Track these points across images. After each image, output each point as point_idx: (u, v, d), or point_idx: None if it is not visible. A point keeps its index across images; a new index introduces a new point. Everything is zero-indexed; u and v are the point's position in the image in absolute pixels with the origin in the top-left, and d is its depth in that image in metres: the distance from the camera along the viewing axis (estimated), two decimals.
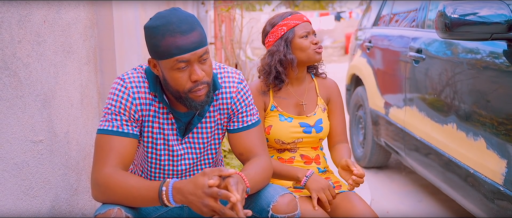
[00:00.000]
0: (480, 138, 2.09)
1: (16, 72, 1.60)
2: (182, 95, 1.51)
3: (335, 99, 2.14)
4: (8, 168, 1.56)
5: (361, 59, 4.00)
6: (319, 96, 2.11)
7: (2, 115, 1.53)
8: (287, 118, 2.02)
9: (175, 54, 1.43)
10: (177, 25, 1.43)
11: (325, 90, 2.13)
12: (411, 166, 3.00)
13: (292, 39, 1.99)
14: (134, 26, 2.94)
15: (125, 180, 1.44)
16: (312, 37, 1.99)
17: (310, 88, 2.12)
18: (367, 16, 4.35)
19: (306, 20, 2.00)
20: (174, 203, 1.38)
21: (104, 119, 1.53)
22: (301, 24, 1.99)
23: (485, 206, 2.07)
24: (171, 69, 1.46)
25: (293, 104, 2.06)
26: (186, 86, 1.48)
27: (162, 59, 1.46)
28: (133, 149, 1.54)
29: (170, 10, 1.49)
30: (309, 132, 2.02)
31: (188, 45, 1.43)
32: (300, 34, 1.98)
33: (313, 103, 2.10)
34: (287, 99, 2.06)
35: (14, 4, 1.59)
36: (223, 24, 6.40)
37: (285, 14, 2.03)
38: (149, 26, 1.46)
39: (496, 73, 2.02)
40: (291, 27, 1.99)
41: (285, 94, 2.06)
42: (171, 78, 1.48)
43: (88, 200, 2.21)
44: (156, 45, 1.44)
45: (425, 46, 2.72)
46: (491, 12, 1.92)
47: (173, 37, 1.42)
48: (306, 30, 1.99)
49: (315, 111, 2.07)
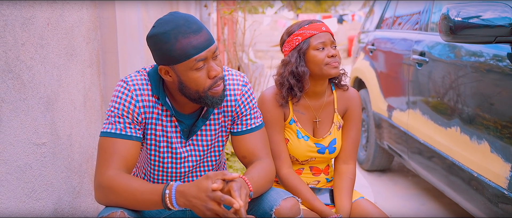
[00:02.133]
0: (484, 141, 2.08)
1: (20, 75, 1.61)
2: (202, 94, 1.51)
3: (352, 112, 2.01)
4: (11, 171, 1.56)
5: (364, 62, 4.00)
6: (336, 112, 2.01)
7: (6, 118, 1.53)
8: (304, 136, 1.96)
9: (192, 54, 1.44)
10: (187, 27, 1.43)
11: (344, 103, 2.02)
12: (414, 169, 2.99)
13: (306, 51, 1.88)
14: (137, 29, 2.94)
15: (129, 183, 1.43)
16: (329, 50, 1.86)
17: (328, 103, 2.00)
18: (370, 19, 4.35)
19: (324, 30, 1.87)
20: (177, 206, 1.38)
21: (107, 121, 1.53)
22: (317, 34, 1.86)
23: (489, 209, 2.06)
24: (190, 71, 1.47)
25: (309, 120, 1.98)
26: (206, 84, 1.50)
27: (179, 62, 1.45)
28: (136, 152, 1.54)
29: (170, 14, 1.48)
30: (323, 152, 1.97)
31: (202, 43, 1.45)
32: (315, 45, 1.86)
33: (329, 120, 2.01)
34: (305, 114, 1.97)
35: (18, 7, 1.60)
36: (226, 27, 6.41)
37: (303, 23, 1.91)
38: (157, 33, 1.45)
39: (499, 76, 2.01)
40: (306, 38, 1.88)
41: (303, 108, 1.97)
42: (190, 80, 1.48)
43: (90, 203, 2.21)
44: (170, 50, 1.43)
45: (428, 49, 2.72)
46: (495, 15, 1.91)
47: (187, 38, 1.43)
48: (321, 41, 1.86)
49: (330, 131, 1.99)
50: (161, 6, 3.84)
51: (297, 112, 1.96)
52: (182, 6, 4.92)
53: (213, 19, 7.77)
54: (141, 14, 3.08)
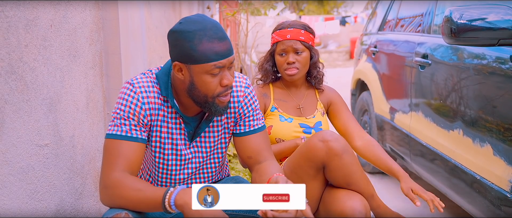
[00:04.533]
0: (486, 144, 2.08)
1: (23, 76, 1.61)
2: (209, 100, 1.53)
3: (336, 101, 2.24)
4: (13, 172, 1.56)
5: (366, 64, 3.99)
6: (319, 101, 2.23)
7: (8, 119, 1.53)
8: (287, 118, 2.13)
9: (213, 59, 1.46)
10: (214, 32, 1.46)
11: (325, 96, 2.25)
12: (417, 171, 2.98)
13: (274, 52, 2.17)
14: (140, 30, 2.95)
15: (133, 185, 1.44)
16: (288, 57, 2.10)
17: (309, 93, 2.24)
18: (373, 21, 4.34)
19: (289, 38, 2.09)
20: (175, 209, 1.38)
21: (113, 123, 1.54)
22: (281, 41, 2.12)
23: (492, 212, 2.05)
24: (205, 74, 1.48)
25: (292, 107, 2.18)
26: (216, 91, 1.52)
27: (196, 63, 1.47)
28: (141, 154, 1.55)
29: (198, 15, 1.51)
30: (309, 132, 2.12)
31: (224, 52, 1.48)
32: (278, 50, 2.13)
33: (313, 106, 2.21)
34: (287, 102, 2.18)
35: (21, 8, 1.60)
36: (228, 29, 6.41)
37: (278, 26, 2.18)
38: (181, 30, 1.46)
39: (502, 78, 2.01)
40: (275, 41, 2.16)
41: (285, 97, 2.19)
42: (201, 83, 1.50)
43: (93, 204, 2.21)
44: (190, 49, 1.45)
45: (431, 51, 2.71)
46: (498, 18, 1.91)
47: (211, 43, 1.45)
48: (283, 48, 2.10)
49: (314, 114, 2.18)
50: (164, 7, 3.84)
51: (279, 100, 2.18)
52: (185, 7, 4.93)
53: None
54: (144, 16, 3.08)
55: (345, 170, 1.83)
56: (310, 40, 2.14)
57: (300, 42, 2.10)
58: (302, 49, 2.10)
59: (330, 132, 1.85)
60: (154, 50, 3.39)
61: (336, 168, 1.83)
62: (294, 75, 2.12)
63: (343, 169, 1.83)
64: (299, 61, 2.10)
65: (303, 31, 2.12)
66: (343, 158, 1.81)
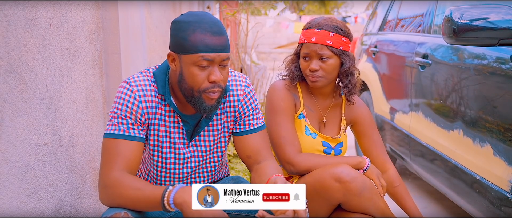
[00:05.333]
0: (486, 144, 2.08)
1: (22, 75, 1.61)
2: (195, 94, 1.51)
3: (363, 121, 2.04)
4: (13, 171, 1.56)
5: (366, 64, 3.99)
6: (343, 117, 2.03)
7: (8, 118, 1.53)
8: (312, 132, 1.95)
9: (201, 50, 1.46)
10: (209, 25, 1.46)
11: (351, 112, 2.04)
12: (417, 172, 2.98)
13: (299, 53, 1.94)
14: (139, 30, 2.94)
15: (132, 184, 1.44)
16: (312, 62, 1.86)
17: (335, 105, 2.03)
18: (373, 21, 4.34)
19: (314, 41, 1.84)
20: (175, 207, 1.37)
21: (111, 123, 1.54)
22: (305, 44, 1.89)
23: (492, 212, 2.05)
24: (193, 65, 1.48)
25: (316, 119, 1.99)
26: (202, 85, 1.50)
27: (186, 53, 1.47)
28: (139, 152, 1.54)
29: (203, 12, 1.52)
30: (329, 153, 1.97)
31: (215, 46, 1.47)
32: (302, 54, 1.91)
33: (336, 123, 2.03)
34: (313, 112, 1.99)
35: (21, 7, 1.60)
36: (229, 29, 6.41)
37: (307, 24, 1.92)
38: (180, 20, 1.49)
39: (503, 79, 2.00)
40: (301, 42, 1.92)
41: (311, 105, 1.99)
42: (189, 74, 1.49)
43: (92, 204, 2.21)
44: (183, 38, 1.46)
45: (431, 51, 2.71)
46: (499, 18, 1.91)
47: (203, 35, 1.45)
48: (306, 52, 1.88)
49: (339, 134, 2.00)
50: (164, 7, 3.84)
51: (307, 107, 1.97)
52: (185, 7, 4.92)
53: None
54: (144, 15, 3.08)
55: (363, 205, 1.74)
56: (340, 45, 1.85)
57: (327, 48, 1.83)
58: (328, 56, 1.84)
59: (346, 168, 1.70)
60: (154, 50, 3.38)
61: (353, 205, 1.74)
62: (316, 82, 1.88)
63: (361, 206, 1.74)
64: (323, 69, 1.85)
65: (333, 33, 1.84)
66: (361, 197, 1.70)
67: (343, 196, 1.71)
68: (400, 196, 1.99)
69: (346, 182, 1.68)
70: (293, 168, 1.85)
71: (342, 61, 1.88)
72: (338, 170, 1.70)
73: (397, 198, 1.99)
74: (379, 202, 1.78)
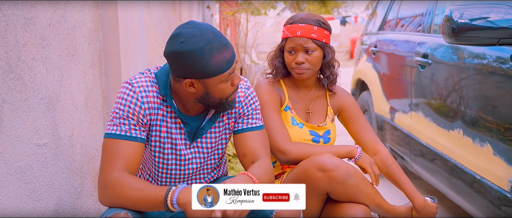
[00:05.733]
0: (486, 144, 2.07)
1: (21, 75, 1.60)
2: (223, 101, 1.58)
3: (349, 107, 2.10)
4: (12, 171, 1.55)
5: (366, 64, 3.99)
6: (329, 105, 2.08)
7: (7, 118, 1.52)
8: (299, 123, 2.00)
9: (227, 68, 1.49)
10: (218, 41, 1.46)
11: (336, 100, 2.10)
12: (417, 171, 2.98)
13: (283, 48, 2.00)
14: (139, 29, 2.94)
15: (133, 184, 1.44)
16: (297, 56, 1.92)
17: (320, 95, 2.09)
18: (373, 21, 4.34)
19: (299, 35, 1.91)
20: (178, 207, 1.38)
21: (112, 123, 1.54)
22: (290, 38, 1.93)
23: (492, 212, 2.05)
24: (221, 83, 1.51)
25: (302, 110, 2.05)
26: (229, 92, 1.56)
27: (213, 76, 1.48)
28: (140, 153, 1.54)
29: (194, 27, 1.47)
30: (318, 141, 2.00)
31: (232, 56, 1.51)
32: (287, 48, 1.96)
33: (323, 112, 2.08)
34: (298, 103, 2.05)
35: (20, 7, 1.59)
36: (228, 28, 6.41)
37: (289, 20, 1.98)
38: (189, 50, 1.43)
39: (503, 78, 2.00)
40: (285, 37, 1.98)
41: (296, 97, 2.05)
42: (218, 91, 1.53)
43: (92, 204, 2.21)
44: (205, 66, 1.45)
45: (431, 51, 2.71)
46: (499, 17, 1.90)
47: (221, 54, 1.46)
48: (291, 46, 1.93)
49: (325, 121, 2.05)
50: (163, 7, 3.84)
51: (292, 100, 2.03)
52: (185, 7, 4.92)
53: (215, 21, 7.78)
54: (143, 15, 3.08)
55: (350, 193, 1.75)
56: (323, 38, 1.93)
57: (311, 41, 1.91)
58: (313, 48, 1.92)
59: (328, 157, 1.73)
60: (153, 49, 3.38)
61: (340, 193, 1.76)
62: (302, 74, 1.95)
63: (347, 193, 1.75)
64: (309, 61, 1.92)
65: (316, 27, 1.92)
66: (346, 184, 1.73)
67: (328, 185, 1.72)
68: (394, 175, 2.02)
69: (329, 170, 1.70)
70: (284, 156, 1.87)
71: (324, 54, 1.96)
72: (321, 159, 1.72)
73: (392, 177, 2.03)
74: (367, 188, 1.79)
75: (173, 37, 1.47)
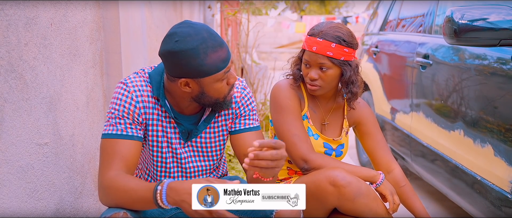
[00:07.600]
0: (487, 145, 2.07)
1: (22, 75, 1.61)
2: (220, 101, 1.57)
3: (367, 122, 2.03)
4: (13, 171, 1.56)
5: (367, 64, 3.99)
6: (345, 118, 2.03)
7: (8, 118, 1.53)
8: (314, 134, 1.96)
9: (222, 67, 1.48)
10: (213, 40, 1.45)
11: (354, 114, 2.04)
12: (417, 172, 2.98)
13: (302, 58, 1.93)
14: (140, 29, 2.94)
15: (127, 183, 1.44)
16: (311, 71, 1.85)
17: (337, 107, 2.03)
18: (374, 21, 4.34)
19: (314, 51, 1.81)
20: (167, 203, 1.36)
21: (108, 123, 1.54)
22: (306, 51, 1.86)
23: (492, 213, 2.05)
24: (217, 82, 1.50)
25: (318, 120, 2.00)
26: (226, 91, 1.56)
27: (207, 76, 1.47)
28: (137, 151, 1.55)
29: (188, 26, 1.46)
30: (330, 154, 1.97)
31: (227, 55, 1.50)
32: (303, 59, 1.90)
33: (338, 125, 2.03)
34: (316, 113, 1.99)
35: (21, 7, 1.60)
36: (229, 28, 6.40)
37: (311, 30, 1.88)
38: (183, 49, 1.43)
39: (503, 79, 2.00)
40: (303, 48, 1.91)
41: (314, 106, 1.99)
42: (214, 90, 1.52)
43: (92, 203, 2.21)
44: (199, 65, 1.44)
45: (432, 51, 2.71)
46: (500, 18, 1.90)
47: (215, 52, 1.45)
48: (306, 59, 1.86)
49: (341, 135, 2.01)
50: (165, 7, 3.84)
51: (310, 108, 1.97)
52: (186, 7, 4.92)
53: (216, 21, 7.78)
54: (144, 15, 3.08)
55: (359, 211, 1.72)
56: (342, 56, 1.81)
57: (327, 58, 1.80)
58: (328, 66, 1.81)
59: (341, 172, 1.69)
60: (154, 49, 3.38)
61: (348, 210, 1.72)
62: (315, 91, 1.88)
63: (356, 211, 1.72)
64: (322, 79, 1.84)
65: (334, 45, 1.79)
66: (356, 202, 1.68)
67: (337, 200, 1.70)
68: (406, 196, 1.94)
69: (341, 186, 1.67)
70: (307, 164, 1.84)
71: (342, 71, 1.86)
72: (334, 173, 1.69)
73: (403, 199, 1.95)
74: (377, 209, 1.75)
75: (168, 37, 1.47)
